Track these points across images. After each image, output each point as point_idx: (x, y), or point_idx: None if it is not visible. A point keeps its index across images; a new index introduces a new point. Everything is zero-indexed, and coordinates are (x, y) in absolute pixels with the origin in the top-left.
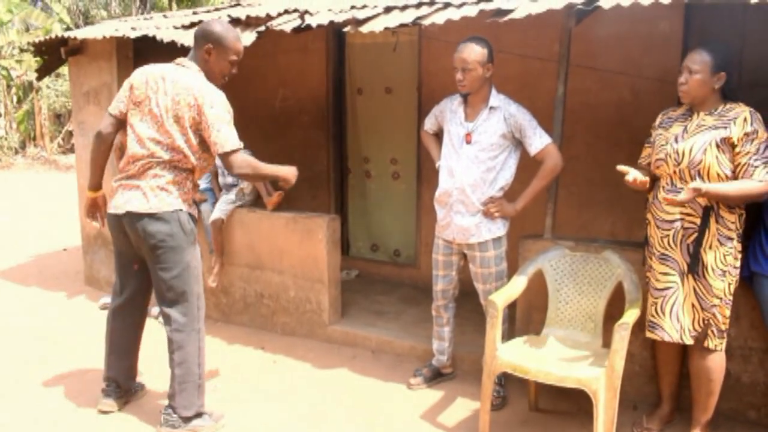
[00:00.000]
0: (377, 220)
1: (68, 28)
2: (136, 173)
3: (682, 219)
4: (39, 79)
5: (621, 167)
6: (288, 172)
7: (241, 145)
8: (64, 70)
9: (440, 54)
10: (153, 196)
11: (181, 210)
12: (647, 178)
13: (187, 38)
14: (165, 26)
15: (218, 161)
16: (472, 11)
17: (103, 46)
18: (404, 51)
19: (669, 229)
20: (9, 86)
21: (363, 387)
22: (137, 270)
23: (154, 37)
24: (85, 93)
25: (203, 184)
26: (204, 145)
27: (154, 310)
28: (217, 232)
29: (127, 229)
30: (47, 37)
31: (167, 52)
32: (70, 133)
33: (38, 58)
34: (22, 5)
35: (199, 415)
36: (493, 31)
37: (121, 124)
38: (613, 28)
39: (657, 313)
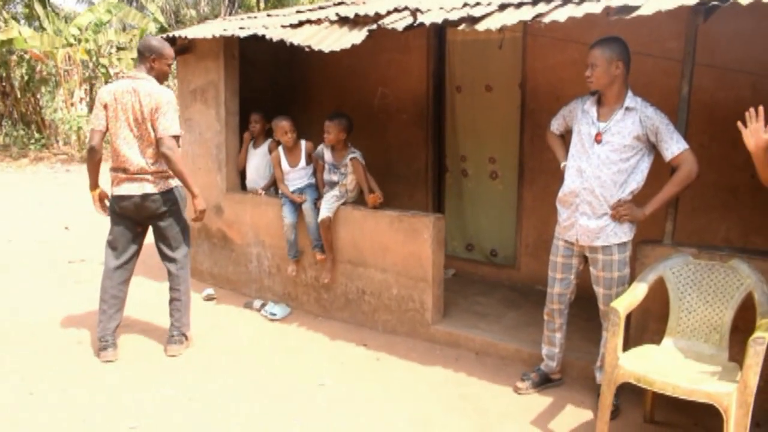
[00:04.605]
0: (473, 220)
1: (162, 28)
2: None
3: None
4: None
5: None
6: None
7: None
8: None
9: (546, 51)
10: None
11: None
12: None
13: (295, 37)
14: (272, 25)
15: (327, 157)
16: (595, 8)
17: (210, 46)
18: (507, 48)
19: None
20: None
21: (468, 389)
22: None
23: (261, 36)
24: (192, 91)
25: (303, 182)
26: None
27: (257, 302)
28: (326, 231)
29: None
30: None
31: (269, 51)
32: None
33: (135, 57)
34: (119, 6)
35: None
36: (604, 28)
37: None
38: (734, 24)
39: None
